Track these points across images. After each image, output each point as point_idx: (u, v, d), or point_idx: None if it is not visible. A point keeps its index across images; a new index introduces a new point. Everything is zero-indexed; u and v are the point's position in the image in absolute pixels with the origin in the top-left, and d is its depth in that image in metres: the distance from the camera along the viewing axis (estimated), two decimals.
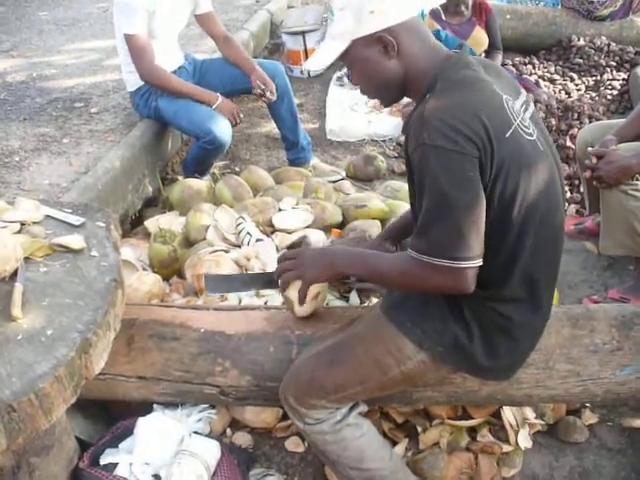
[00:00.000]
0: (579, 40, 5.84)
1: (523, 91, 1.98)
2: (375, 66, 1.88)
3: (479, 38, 4.98)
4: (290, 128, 4.27)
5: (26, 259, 1.92)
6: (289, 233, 3.12)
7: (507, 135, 1.75)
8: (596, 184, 2.90)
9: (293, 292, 2.14)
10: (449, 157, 1.68)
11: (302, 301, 2.14)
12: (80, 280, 1.88)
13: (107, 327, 1.79)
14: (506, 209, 1.77)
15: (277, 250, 2.97)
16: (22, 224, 2.07)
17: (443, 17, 4.95)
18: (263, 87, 3.99)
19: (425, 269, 1.77)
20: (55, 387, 1.59)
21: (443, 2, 5.06)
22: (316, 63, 1.98)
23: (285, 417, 2.44)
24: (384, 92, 1.98)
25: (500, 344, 1.93)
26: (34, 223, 2.10)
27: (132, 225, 3.74)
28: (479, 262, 1.74)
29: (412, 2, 1.87)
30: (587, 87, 5.43)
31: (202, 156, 3.94)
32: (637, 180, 2.84)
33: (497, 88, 1.82)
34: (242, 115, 3.98)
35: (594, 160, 2.87)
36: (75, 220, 2.15)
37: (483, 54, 5.05)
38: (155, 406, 2.39)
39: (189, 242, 3.20)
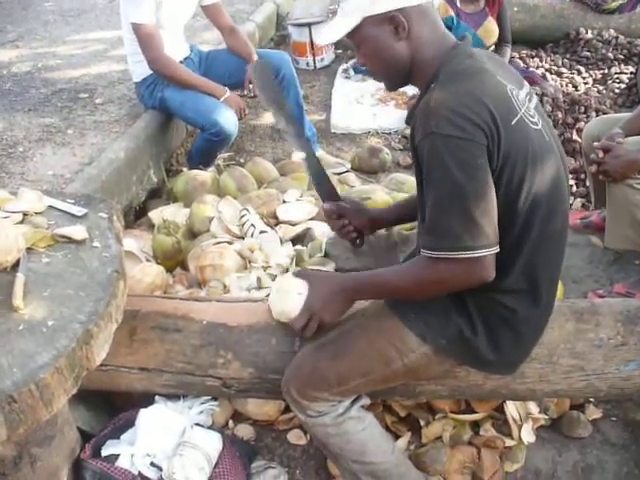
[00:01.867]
0: (587, 33, 5.82)
1: (526, 83, 1.98)
2: (383, 46, 1.86)
3: (490, 28, 4.95)
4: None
5: (28, 249, 1.91)
6: (293, 225, 3.11)
7: (513, 123, 1.75)
8: (602, 178, 2.89)
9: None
10: (458, 145, 1.67)
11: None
12: (82, 271, 1.88)
13: (109, 318, 1.79)
14: (513, 197, 1.77)
15: (281, 242, 2.96)
16: (25, 214, 2.07)
17: (458, 4, 4.92)
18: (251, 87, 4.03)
19: (442, 267, 1.75)
20: (56, 378, 1.59)
21: None
22: (326, 38, 1.98)
23: (287, 410, 2.44)
24: (389, 74, 1.96)
25: (504, 337, 1.92)
26: (36, 214, 2.10)
27: (136, 216, 3.73)
28: (496, 248, 1.73)
29: None
30: (594, 80, 5.40)
31: (207, 148, 3.93)
32: None
33: (501, 78, 1.82)
34: (247, 110, 3.97)
35: (600, 154, 2.85)
36: (78, 211, 2.14)
37: (493, 47, 5.03)
38: (157, 398, 2.38)
39: (193, 234, 3.20)
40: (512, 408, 2.45)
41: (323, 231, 3.00)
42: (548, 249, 1.89)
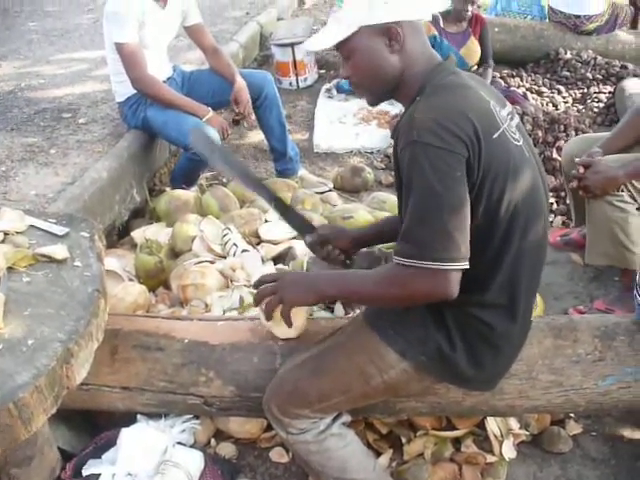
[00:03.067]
0: (566, 53, 5.89)
1: (508, 103, 2.01)
2: (376, 57, 1.86)
3: (472, 49, 5.02)
4: (278, 138, 4.27)
5: (9, 269, 1.92)
6: (275, 244, 3.13)
7: (495, 136, 1.77)
8: (582, 194, 2.92)
9: (276, 314, 2.05)
10: (438, 155, 1.68)
11: (289, 324, 2.03)
12: (63, 290, 1.88)
13: (89, 337, 1.79)
14: (493, 211, 1.78)
15: (262, 261, 2.97)
16: (5, 234, 2.07)
17: (441, 23, 4.98)
18: (237, 111, 4.05)
19: (409, 275, 1.75)
20: (35, 397, 1.59)
21: (444, 9, 5.09)
22: (317, 44, 1.96)
23: (269, 428, 2.43)
24: (375, 87, 1.96)
25: (483, 354, 1.94)
26: (18, 233, 2.10)
27: (119, 236, 3.73)
28: (465, 265, 1.72)
29: (426, 4, 1.90)
30: (574, 100, 5.48)
31: (190, 167, 3.95)
32: (622, 191, 2.85)
33: (484, 94, 1.85)
34: (230, 130, 4.00)
35: (581, 169, 2.88)
36: (59, 230, 2.15)
37: (475, 67, 5.09)
38: (139, 416, 2.38)
39: (175, 253, 3.20)
40: (493, 424, 2.46)
41: (304, 250, 3.01)
42: (527, 264, 1.90)
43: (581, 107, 5.30)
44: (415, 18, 1.86)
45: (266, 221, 3.30)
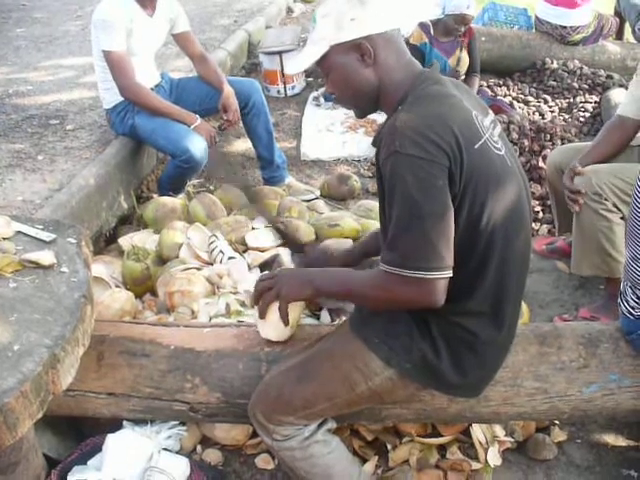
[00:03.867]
0: (552, 63, 5.92)
1: (491, 112, 2.02)
2: (351, 73, 1.90)
3: (462, 58, 5.05)
4: (265, 145, 4.29)
5: None
6: (262, 251, 3.13)
7: (477, 146, 1.78)
8: (571, 205, 2.97)
9: (271, 315, 2.11)
10: (420, 165, 1.69)
11: (286, 321, 2.07)
12: (49, 296, 1.88)
13: (75, 343, 1.80)
14: (475, 219, 1.80)
15: (249, 268, 2.98)
16: None
17: (432, 31, 5.01)
18: (225, 119, 4.07)
19: (395, 282, 1.77)
20: (21, 402, 1.59)
21: (433, 18, 5.11)
22: (295, 66, 1.99)
23: (255, 434, 2.43)
24: (358, 101, 2.00)
25: (467, 361, 1.95)
26: (4, 239, 2.10)
27: (106, 242, 3.72)
28: (449, 273, 1.74)
29: (393, 14, 1.91)
30: (560, 109, 5.51)
31: (177, 175, 3.94)
32: (607, 200, 2.87)
33: (467, 104, 1.86)
34: (218, 139, 4.01)
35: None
36: (46, 236, 2.15)
37: (463, 76, 5.12)
38: (125, 423, 2.38)
39: (162, 260, 3.20)
40: (478, 431, 2.48)
41: (291, 258, 3.03)
42: (510, 272, 1.92)
43: (567, 116, 5.33)
44: (384, 30, 1.88)
45: (253, 228, 3.31)
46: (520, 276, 2.00)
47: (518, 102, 5.54)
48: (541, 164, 4.35)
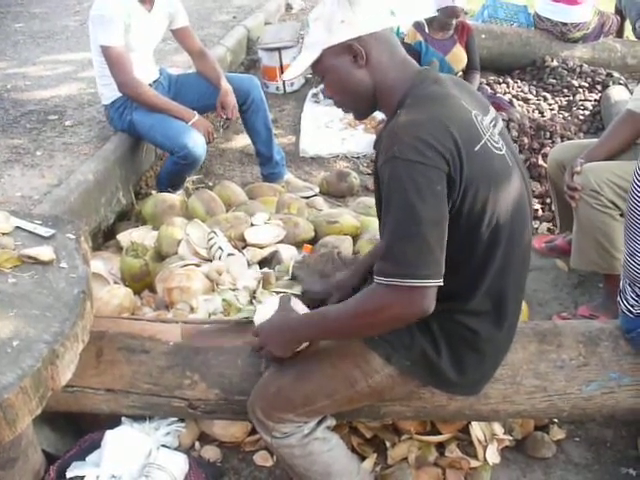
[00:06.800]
0: (552, 61, 5.91)
1: (492, 108, 2.00)
2: (345, 75, 1.89)
3: (458, 55, 5.05)
4: (264, 142, 4.28)
5: None
6: (261, 248, 3.13)
7: (476, 149, 1.76)
8: (570, 200, 2.97)
9: None
10: (419, 170, 1.68)
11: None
12: (48, 291, 1.88)
13: (75, 339, 1.79)
14: (476, 223, 1.79)
15: (248, 264, 2.97)
16: None
17: (426, 30, 5.01)
18: (223, 116, 4.09)
19: (386, 293, 1.71)
20: (20, 398, 1.59)
21: (427, 16, 5.11)
22: (291, 72, 2.01)
23: (254, 431, 2.43)
24: (355, 103, 1.99)
25: (467, 359, 1.95)
26: (3, 234, 2.10)
27: (105, 238, 3.72)
28: (440, 281, 1.70)
29: (383, 15, 1.90)
30: (560, 107, 5.49)
31: (176, 171, 3.94)
32: (602, 196, 2.88)
33: (466, 103, 1.84)
34: (216, 135, 4.00)
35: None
36: (45, 232, 2.15)
37: (461, 73, 5.12)
38: (123, 419, 2.37)
39: (161, 256, 3.20)
40: (477, 429, 2.47)
41: (290, 254, 3.02)
42: (511, 272, 1.91)
43: (567, 114, 5.32)
44: (374, 30, 1.87)
45: (252, 225, 3.30)
46: (521, 275, 2.00)
47: (518, 100, 5.51)
48: (541, 162, 4.35)
